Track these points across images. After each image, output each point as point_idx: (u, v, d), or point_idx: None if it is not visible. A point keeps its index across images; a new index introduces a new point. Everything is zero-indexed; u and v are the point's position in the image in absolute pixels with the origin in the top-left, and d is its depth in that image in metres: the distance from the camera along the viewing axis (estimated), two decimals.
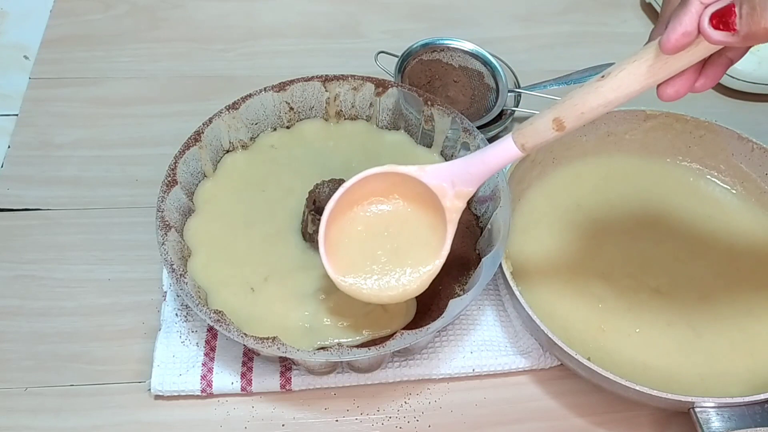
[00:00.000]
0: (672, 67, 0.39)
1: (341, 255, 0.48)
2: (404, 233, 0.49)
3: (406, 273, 0.48)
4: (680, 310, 0.55)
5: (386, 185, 0.49)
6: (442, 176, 0.47)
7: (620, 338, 0.54)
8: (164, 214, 0.52)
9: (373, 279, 0.48)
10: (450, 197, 0.47)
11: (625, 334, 0.54)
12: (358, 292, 0.48)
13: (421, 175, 0.47)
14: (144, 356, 0.54)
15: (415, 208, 0.49)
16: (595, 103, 0.41)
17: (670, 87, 0.40)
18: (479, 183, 0.46)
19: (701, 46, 0.38)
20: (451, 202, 0.47)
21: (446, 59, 0.70)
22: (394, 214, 0.49)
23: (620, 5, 0.85)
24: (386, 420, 0.52)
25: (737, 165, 0.62)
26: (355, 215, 0.49)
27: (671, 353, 0.53)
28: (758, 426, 0.47)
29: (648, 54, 0.39)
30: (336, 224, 0.48)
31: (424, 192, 0.47)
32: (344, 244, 0.49)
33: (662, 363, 0.53)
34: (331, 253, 0.48)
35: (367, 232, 0.49)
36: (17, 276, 0.58)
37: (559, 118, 0.42)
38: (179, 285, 0.49)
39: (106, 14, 0.79)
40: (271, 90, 0.60)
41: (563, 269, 0.58)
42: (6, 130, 0.70)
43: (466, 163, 0.46)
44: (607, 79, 0.40)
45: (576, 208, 0.61)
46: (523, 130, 0.43)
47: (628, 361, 0.52)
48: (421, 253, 0.48)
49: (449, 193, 0.47)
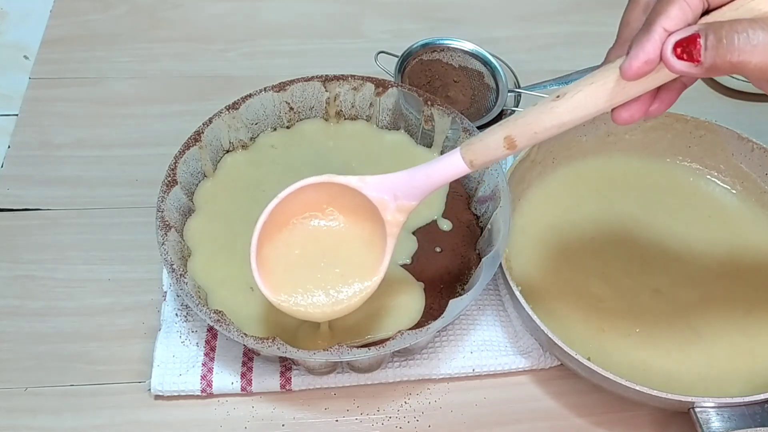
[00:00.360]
0: (630, 92, 0.38)
1: (275, 271, 0.46)
2: (342, 248, 0.47)
3: (343, 290, 0.47)
4: (680, 310, 0.55)
5: (324, 196, 0.47)
6: (384, 189, 0.45)
7: (620, 338, 0.54)
8: (164, 214, 0.52)
9: (310, 296, 0.47)
10: (391, 210, 0.45)
11: (625, 334, 0.54)
12: (294, 311, 0.46)
13: (362, 187, 0.45)
14: (144, 356, 0.54)
15: (353, 222, 0.47)
16: (549, 124, 0.39)
17: (626, 111, 0.39)
18: (422, 197, 0.45)
19: (662, 73, 0.37)
20: (393, 216, 0.45)
21: (446, 59, 0.70)
22: (331, 228, 0.48)
23: (620, 5, 0.84)
24: (386, 420, 0.52)
25: (737, 165, 0.62)
26: (290, 230, 0.47)
27: (671, 353, 0.53)
28: (758, 426, 0.47)
29: (606, 77, 0.38)
30: (270, 239, 0.46)
31: (364, 204, 0.46)
32: (279, 261, 0.47)
33: (662, 363, 0.53)
34: (264, 270, 0.46)
35: (303, 248, 0.47)
36: (17, 276, 0.58)
37: (511, 137, 0.40)
38: (179, 285, 0.49)
39: (106, 14, 0.79)
40: (271, 90, 0.60)
41: (563, 269, 0.58)
42: (6, 130, 0.70)
43: (410, 176, 0.45)
44: (563, 99, 0.39)
45: (576, 208, 0.61)
46: (472, 146, 0.42)
47: (628, 361, 0.52)
48: (359, 268, 0.47)
49: (391, 207, 0.45)
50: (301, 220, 0.48)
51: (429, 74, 0.69)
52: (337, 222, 0.48)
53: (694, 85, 0.77)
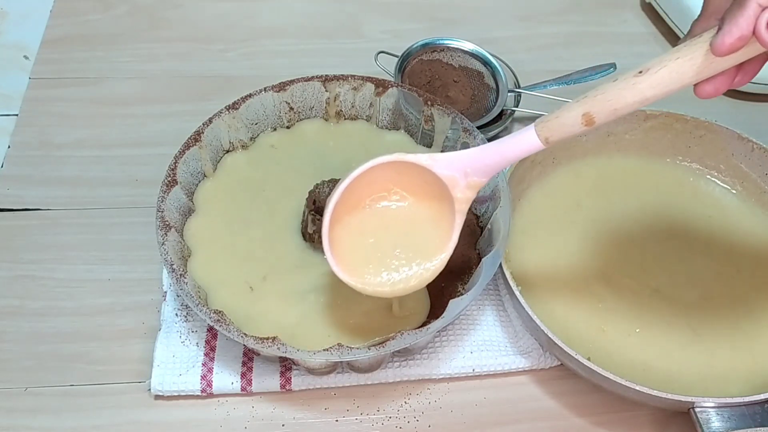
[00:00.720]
0: (717, 67, 0.38)
1: (346, 252, 0.47)
2: (409, 228, 0.48)
3: (412, 268, 0.47)
4: (680, 310, 0.55)
5: (392, 175, 0.47)
6: (454, 166, 0.45)
7: (620, 338, 0.54)
8: (164, 214, 0.52)
9: (380, 275, 0.47)
10: (461, 188, 0.45)
11: (625, 334, 0.54)
12: (364, 289, 0.47)
13: (432, 165, 0.45)
14: (144, 356, 0.54)
15: (419, 202, 0.48)
16: (631, 100, 0.39)
17: (710, 85, 0.39)
18: (493, 174, 0.45)
19: (753, 47, 0.37)
20: (462, 193, 0.45)
21: (446, 59, 0.70)
22: (399, 209, 0.48)
23: (620, 5, 0.85)
24: (386, 420, 0.52)
25: (737, 165, 0.62)
26: (358, 211, 0.48)
27: (671, 353, 0.53)
28: (758, 426, 0.47)
29: (693, 52, 0.38)
30: (339, 221, 0.47)
31: (432, 182, 0.46)
32: (349, 241, 0.47)
33: (662, 363, 0.53)
34: (336, 251, 0.47)
35: (372, 229, 0.48)
36: (17, 276, 0.58)
37: (590, 113, 0.40)
38: (179, 285, 0.49)
39: (106, 14, 0.79)
40: (271, 90, 0.60)
41: (563, 269, 0.58)
42: (6, 130, 0.70)
43: (482, 154, 0.45)
44: (646, 75, 0.38)
45: (576, 208, 0.61)
46: (547, 123, 0.42)
47: (628, 361, 0.52)
48: (427, 246, 0.47)
49: (460, 184, 0.45)
50: (370, 203, 0.48)
51: (429, 74, 0.69)
52: (405, 202, 0.48)
53: None
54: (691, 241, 0.60)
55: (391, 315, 0.51)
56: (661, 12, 0.81)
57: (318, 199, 0.53)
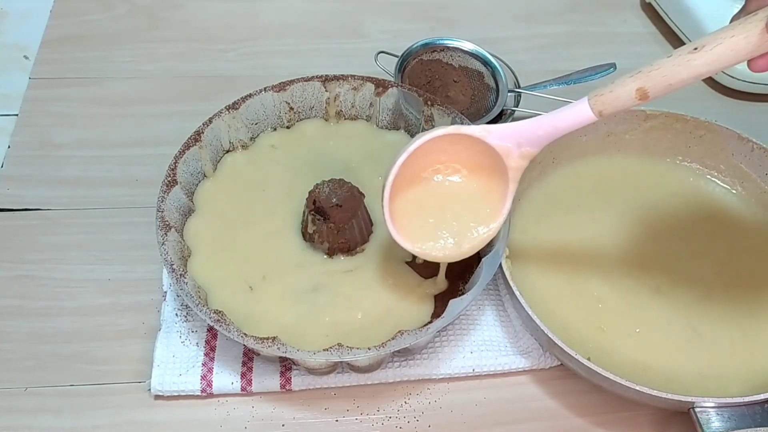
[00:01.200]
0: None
1: (403, 220, 0.49)
2: (464, 198, 0.50)
3: (465, 235, 0.49)
4: (680, 309, 0.55)
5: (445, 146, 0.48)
6: (507, 137, 0.47)
7: (620, 338, 0.54)
8: (164, 214, 0.52)
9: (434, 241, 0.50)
10: (514, 157, 0.47)
11: (625, 334, 0.54)
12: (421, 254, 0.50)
13: (485, 136, 0.47)
14: (144, 356, 0.54)
15: (472, 173, 0.50)
16: (685, 75, 0.40)
17: (764, 60, 0.40)
18: (545, 143, 0.47)
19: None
20: (516, 162, 0.47)
21: (446, 59, 0.70)
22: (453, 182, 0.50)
23: (620, 5, 0.85)
24: (386, 420, 0.52)
25: (737, 165, 0.62)
26: (414, 183, 0.50)
27: (671, 353, 0.53)
28: (758, 426, 0.47)
29: (749, 30, 0.39)
30: (396, 193, 0.49)
31: (485, 151, 0.48)
32: (405, 211, 0.49)
33: (662, 363, 0.53)
34: (394, 219, 0.49)
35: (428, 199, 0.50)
36: (17, 276, 0.58)
37: (644, 88, 0.42)
38: (179, 285, 0.49)
39: (106, 14, 0.79)
40: (271, 90, 0.60)
41: (563, 269, 0.58)
42: (6, 130, 0.70)
43: (535, 124, 0.46)
44: (702, 52, 0.40)
45: (576, 208, 0.61)
46: (601, 97, 0.43)
47: (628, 361, 0.52)
48: (480, 215, 0.49)
49: (514, 154, 0.47)
50: (425, 176, 0.50)
51: (429, 74, 0.69)
52: (458, 175, 0.50)
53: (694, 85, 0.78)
54: (691, 242, 0.60)
55: (391, 315, 0.51)
56: (661, 12, 0.81)
57: (318, 199, 0.53)
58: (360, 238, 0.55)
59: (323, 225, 0.53)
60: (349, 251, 0.54)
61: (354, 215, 0.53)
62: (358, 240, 0.54)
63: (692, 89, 0.76)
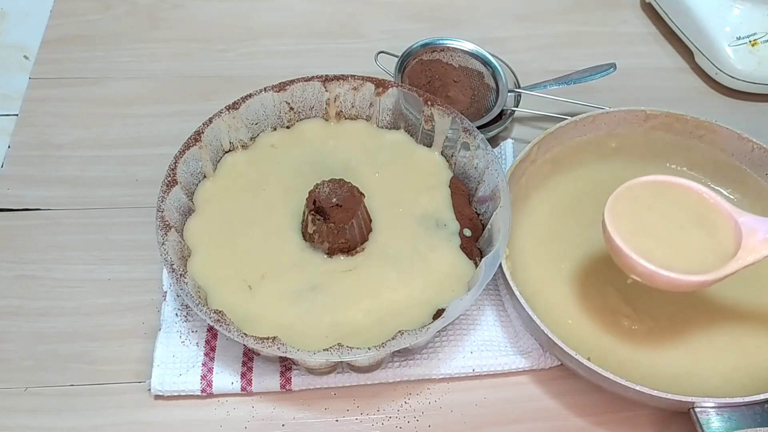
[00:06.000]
0: None
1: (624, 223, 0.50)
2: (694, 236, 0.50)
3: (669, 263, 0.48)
4: (680, 309, 0.55)
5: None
6: (760, 222, 0.48)
7: (620, 338, 0.54)
8: (164, 214, 0.52)
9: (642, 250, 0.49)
10: (757, 240, 0.47)
11: (625, 334, 0.54)
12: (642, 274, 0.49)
13: (739, 214, 0.49)
14: (144, 356, 0.54)
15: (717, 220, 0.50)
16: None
17: None
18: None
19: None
20: (755, 244, 0.47)
21: (446, 59, 0.70)
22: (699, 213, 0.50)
23: (620, 5, 0.85)
24: (386, 420, 0.52)
25: (737, 165, 0.62)
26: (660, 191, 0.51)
27: (671, 353, 0.53)
28: (758, 426, 0.47)
29: None
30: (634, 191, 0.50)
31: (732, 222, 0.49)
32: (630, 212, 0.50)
33: (662, 363, 0.53)
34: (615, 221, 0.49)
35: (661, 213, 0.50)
36: (17, 276, 0.58)
37: None
38: (179, 285, 0.49)
39: (106, 14, 0.79)
40: (271, 90, 0.60)
41: (563, 269, 0.58)
42: (6, 130, 0.70)
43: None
44: None
45: (576, 208, 0.61)
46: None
47: (628, 361, 0.52)
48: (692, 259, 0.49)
49: (759, 236, 0.47)
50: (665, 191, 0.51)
51: (429, 74, 0.69)
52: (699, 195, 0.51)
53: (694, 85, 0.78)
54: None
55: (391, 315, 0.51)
56: (661, 12, 0.81)
57: (318, 199, 0.53)
58: (360, 238, 0.55)
59: (323, 225, 0.53)
60: (349, 251, 0.54)
61: (354, 215, 0.53)
62: (357, 240, 0.54)
63: (692, 89, 0.77)
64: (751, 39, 0.72)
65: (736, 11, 0.73)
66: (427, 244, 0.55)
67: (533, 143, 0.59)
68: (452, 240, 0.55)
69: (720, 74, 0.74)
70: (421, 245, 0.55)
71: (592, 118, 0.62)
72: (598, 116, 0.62)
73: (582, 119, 0.62)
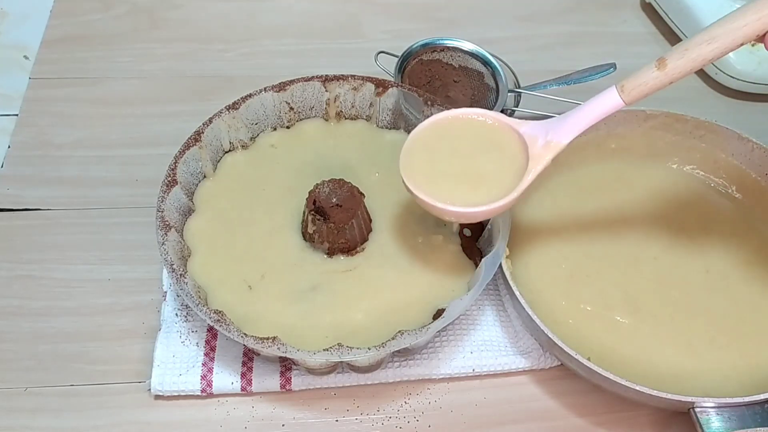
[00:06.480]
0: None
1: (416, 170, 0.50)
2: (489, 156, 0.50)
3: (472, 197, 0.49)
4: (680, 309, 0.55)
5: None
6: (537, 128, 0.49)
7: (620, 338, 0.54)
8: (164, 214, 0.52)
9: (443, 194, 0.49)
10: (538, 146, 0.48)
11: (626, 334, 0.54)
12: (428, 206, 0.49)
13: (518, 125, 0.49)
14: (144, 356, 0.54)
15: (507, 141, 0.50)
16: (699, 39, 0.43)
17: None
18: (573, 134, 0.47)
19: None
20: (538, 151, 0.48)
21: (446, 59, 0.70)
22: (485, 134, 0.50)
23: (620, 5, 0.85)
24: (386, 420, 0.52)
25: (737, 165, 0.62)
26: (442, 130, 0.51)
27: (671, 353, 0.53)
28: (758, 426, 0.47)
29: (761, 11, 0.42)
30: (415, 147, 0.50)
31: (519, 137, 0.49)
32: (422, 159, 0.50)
33: (662, 363, 0.53)
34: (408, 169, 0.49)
35: (447, 142, 0.51)
36: (17, 276, 0.58)
37: (663, 58, 0.44)
38: (179, 285, 0.49)
39: (106, 14, 0.79)
40: (271, 90, 0.60)
41: (563, 269, 0.58)
42: (6, 130, 0.70)
43: (564, 116, 0.48)
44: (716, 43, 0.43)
45: (576, 208, 0.61)
46: (626, 79, 0.45)
47: (628, 361, 0.52)
48: (489, 185, 0.49)
49: (539, 143, 0.48)
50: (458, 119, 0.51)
51: (429, 74, 0.69)
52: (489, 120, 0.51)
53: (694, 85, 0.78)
54: (690, 242, 0.60)
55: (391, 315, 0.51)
56: (661, 12, 0.81)
57: (318, 199, 0.53)
58: (360, 238, 0.55)
59: (323, 225, 0.53)
60: (349, 251, 0.54)
61: (354, 215, 0.53)
62: (357, 240, 0.54)
63: (692, 89, 0.77)
64: None
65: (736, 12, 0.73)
66: (427, 244, 0.55)
67: None
68: (452, 240, 0.55)
69: (720, 74, 0.74)
70: (421, 245, 0.55)
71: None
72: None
73: None
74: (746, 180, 0.62)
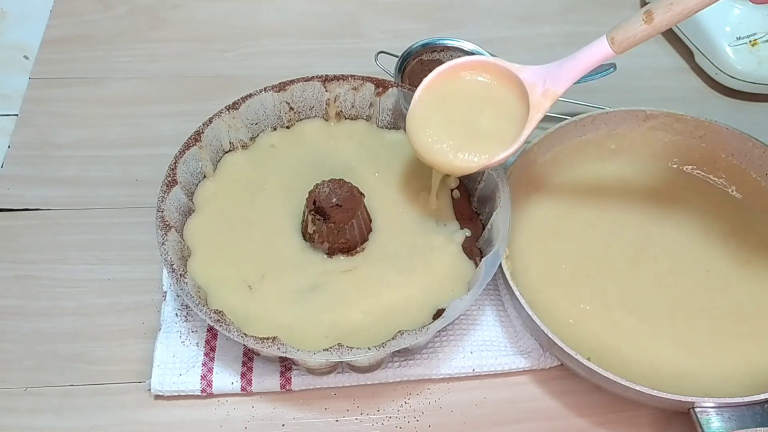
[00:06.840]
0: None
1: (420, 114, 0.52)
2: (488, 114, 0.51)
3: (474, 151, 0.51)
4: (681, 310, 0.55)
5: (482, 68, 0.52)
6: (536, 74, 0.50)
7: (620, 338, 0.54)
8: (164, 214, 0.52)
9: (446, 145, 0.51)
10: (537, 94, 0.49)
11: (626, 334, 0.54)
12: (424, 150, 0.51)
13: (519, 70, 0.50)
14: (144, 356, 0.54)
15: (506, 95, 0.51)
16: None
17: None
18: (569, 83, 0.49)
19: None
20: (538, 99, 0.49)
21: (446, 59, 0.70)
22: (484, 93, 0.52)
23: (620, 5, 0.85)
24: (386, 420, 0.52)
25: (737, 165, 0.62)
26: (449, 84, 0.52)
27: (671, 353, 0.53)
28: (758, 426, 0.47)
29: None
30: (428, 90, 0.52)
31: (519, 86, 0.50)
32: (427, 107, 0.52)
33: (662, 363, 0.53)
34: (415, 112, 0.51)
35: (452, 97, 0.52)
36: (17, 276, 0.58)
37: (650, 11, 0.45)
38: (179, 285, 0.49)
39: (106, 14, 0.79)
40: (271, 90, 0.60)
41: (563, 269, 0.58)
42: (6, 130, 0.70)
43: (560, 63, 0.50)
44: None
45: (576, 209, 0.61)
46: (615, 28, 0.47)
47: (628, 361, 0.52)
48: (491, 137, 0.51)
49: (538, 90, 0.50)
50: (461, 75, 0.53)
51: None
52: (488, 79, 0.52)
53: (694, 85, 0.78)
54: (690, 242, 0.60)
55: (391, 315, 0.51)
56: None
57: (318, 199, 0.53)
58: (360, 238, 0.55)
59: (323, 225, 0.53)
60: (349, 251, 0.54)
61: (354, 215, 0.53)
62: (357, 240, 0.54)
63: (692, 89, 0.77)
64: (751, 39, 0.72)
65: (736, 11, 0.73)
66: (427, 244, 0.55)
67: (533, 143, 0.59)
68: (452, 240, 0.55)
69: (720, 74, 0.74)
70: (421, 245, 0.55)
71: (592, 118, 0.62)
72: (598, 116, 0.62)
73: (582, 119, 0.62)
74: (746, 180, 0.62)
